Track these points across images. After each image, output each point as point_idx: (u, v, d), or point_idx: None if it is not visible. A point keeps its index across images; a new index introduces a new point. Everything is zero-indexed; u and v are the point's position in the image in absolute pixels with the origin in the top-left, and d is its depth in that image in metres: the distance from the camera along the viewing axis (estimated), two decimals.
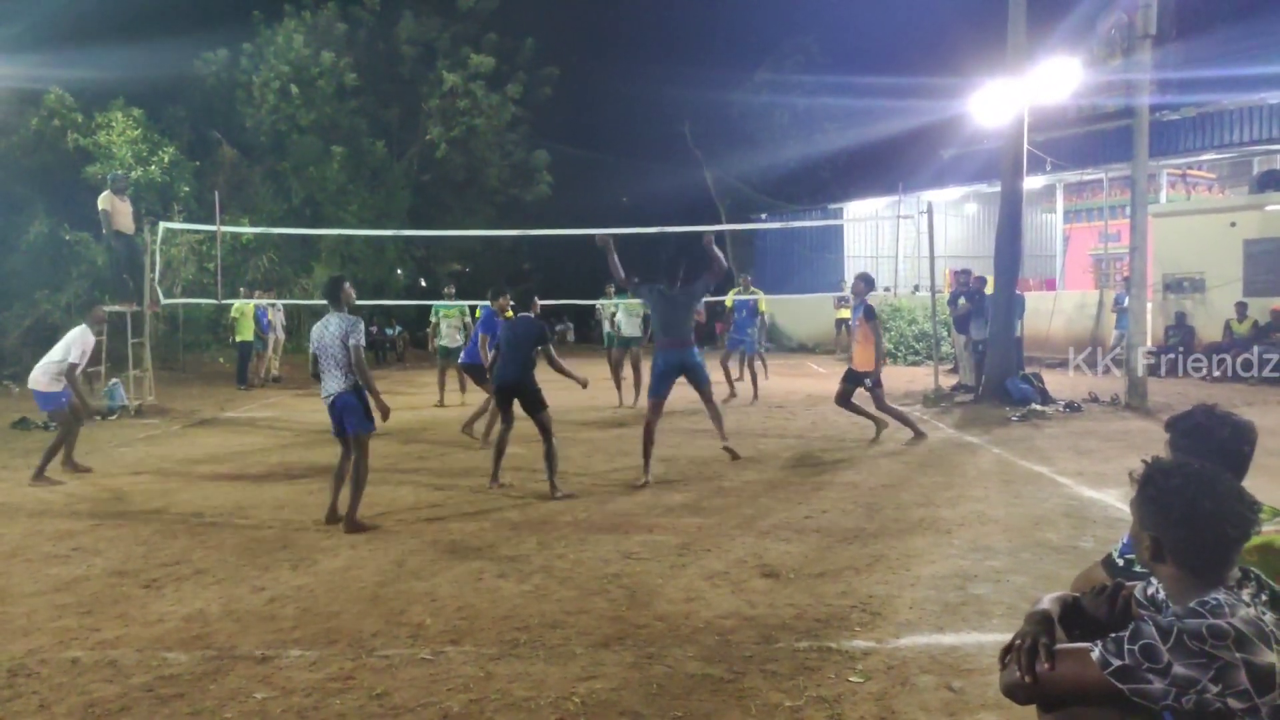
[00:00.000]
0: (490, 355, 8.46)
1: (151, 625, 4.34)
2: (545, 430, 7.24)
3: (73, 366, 8.12)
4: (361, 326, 6.34)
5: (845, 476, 7.72)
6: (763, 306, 14.00)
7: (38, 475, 7.89)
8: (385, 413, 6.34)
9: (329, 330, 6.24)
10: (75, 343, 8.21)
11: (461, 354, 11.47)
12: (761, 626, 4.22)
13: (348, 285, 6.47)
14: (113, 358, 13.72)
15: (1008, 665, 2.05)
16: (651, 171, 34.53)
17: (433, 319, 14.13)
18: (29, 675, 3.77)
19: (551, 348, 7.41)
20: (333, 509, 6.35)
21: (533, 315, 7.61)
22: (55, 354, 8.28)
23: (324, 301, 6.45)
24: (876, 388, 9.36)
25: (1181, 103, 19.78)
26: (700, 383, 7.80)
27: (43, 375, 8.24)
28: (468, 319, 13.85)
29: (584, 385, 7.98)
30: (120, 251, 13.01)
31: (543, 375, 7.43)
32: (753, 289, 13.95)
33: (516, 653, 3.95)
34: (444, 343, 13.67)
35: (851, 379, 9.47)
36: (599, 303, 14.59)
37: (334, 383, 6.26)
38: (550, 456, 7.15)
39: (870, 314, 9.35)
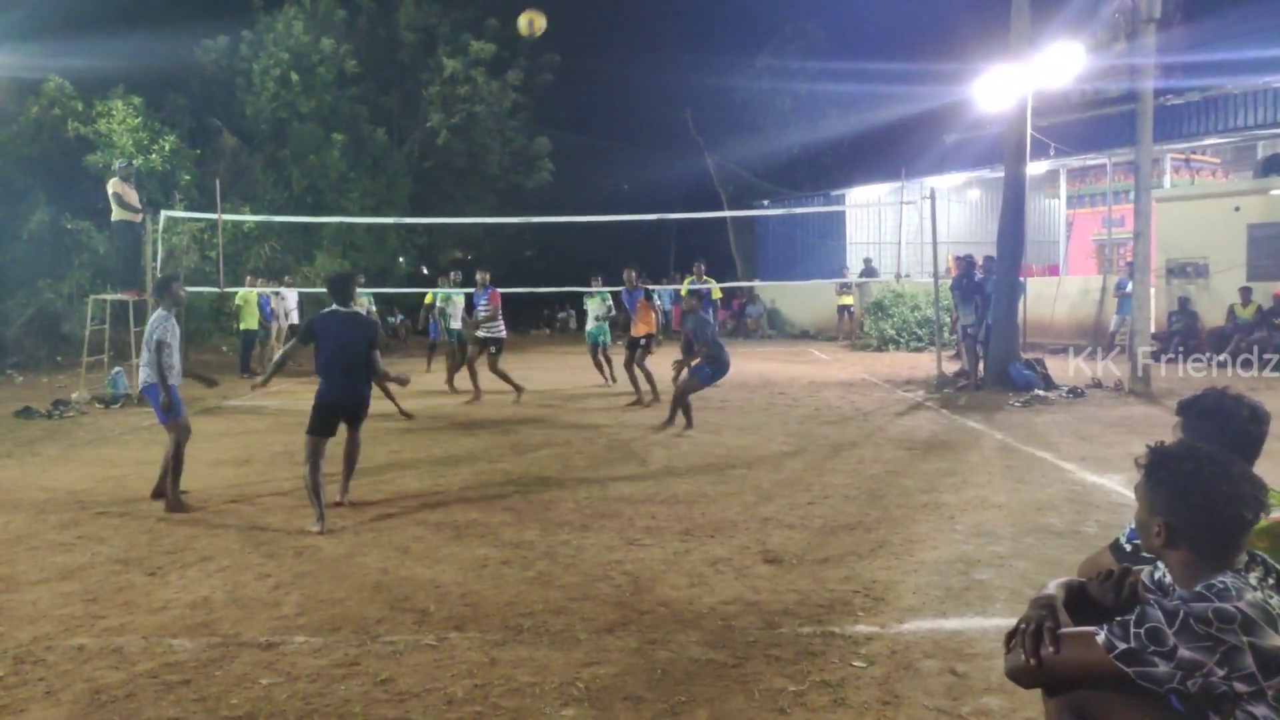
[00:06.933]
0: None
1: (156, 612, 4.35)
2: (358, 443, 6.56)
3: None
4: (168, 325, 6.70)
5: (848, 462, 7.72)
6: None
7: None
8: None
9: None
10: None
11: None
12: (765, 612, 4.23)
13: (175, 285, 6.76)
14: (116, 346, 13.72)
15: (1012, 649, 2.05)
16: (653, 158, 34.39)
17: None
18: (35, 662, 3.78)
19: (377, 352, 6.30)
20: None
21: (362, 312, 6.87)
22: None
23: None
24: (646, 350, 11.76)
25: (1186, 87, 19.63)
26: None
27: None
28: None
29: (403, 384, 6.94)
30: (126, 237, 13.01)
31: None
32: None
33: (520, 639, 3.96)
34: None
35: (632, 344, 11.82)
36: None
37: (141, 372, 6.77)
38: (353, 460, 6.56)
39: (649, 297, 12.40)
